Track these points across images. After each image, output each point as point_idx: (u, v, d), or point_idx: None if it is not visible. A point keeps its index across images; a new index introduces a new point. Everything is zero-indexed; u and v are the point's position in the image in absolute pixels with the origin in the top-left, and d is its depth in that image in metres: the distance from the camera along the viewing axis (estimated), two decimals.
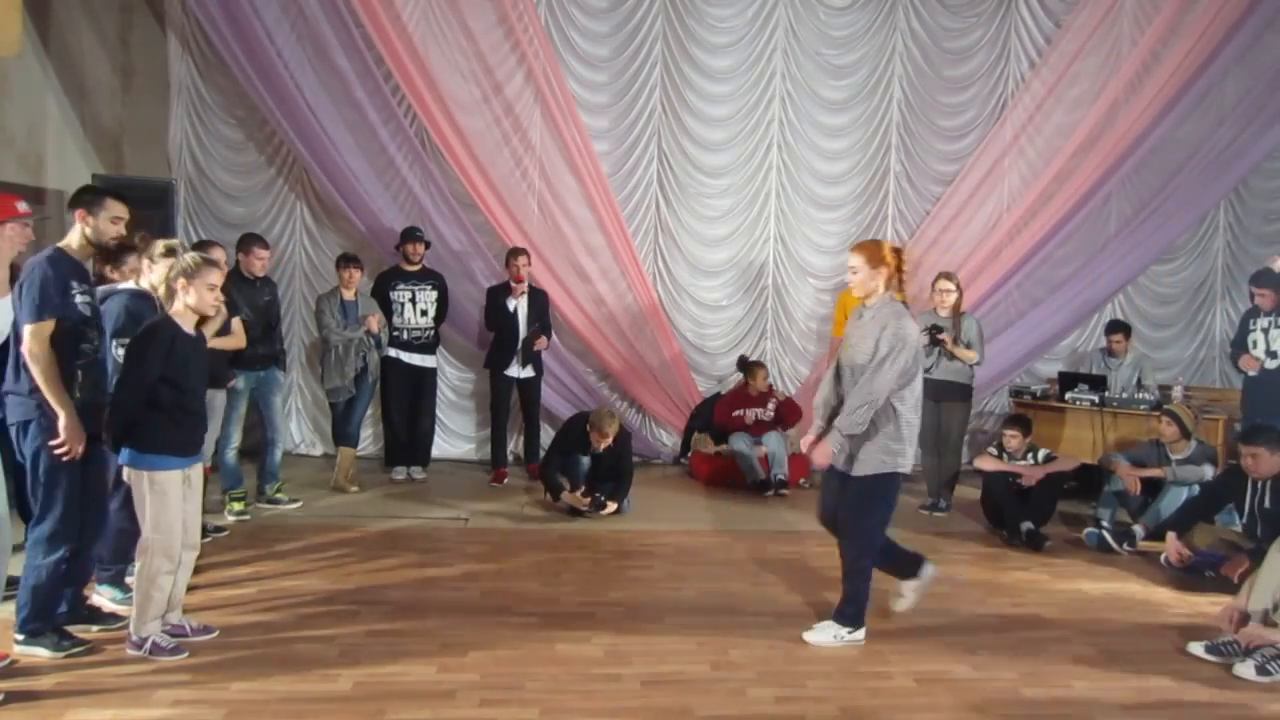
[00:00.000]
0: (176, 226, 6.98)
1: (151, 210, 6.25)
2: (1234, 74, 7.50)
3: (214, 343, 4.41)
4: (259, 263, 5.72)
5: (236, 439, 5.61)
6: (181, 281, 3.56)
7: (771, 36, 7.65)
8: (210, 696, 3.26)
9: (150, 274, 3.99)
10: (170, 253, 3.86)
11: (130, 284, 4.07)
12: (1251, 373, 5.96)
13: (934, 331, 6.12)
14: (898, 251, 3.84)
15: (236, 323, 5.15)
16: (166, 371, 3.51)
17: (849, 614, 3.93)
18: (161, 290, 3.69)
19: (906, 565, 4.12)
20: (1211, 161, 7.52)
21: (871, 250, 3.83)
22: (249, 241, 5.76)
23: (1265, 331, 5.68)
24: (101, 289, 4.02)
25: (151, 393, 3.50)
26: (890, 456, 3.76)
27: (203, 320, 3.72)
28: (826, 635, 3.91)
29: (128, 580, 4.11)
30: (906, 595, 4.13)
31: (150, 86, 7.20)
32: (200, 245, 5.29)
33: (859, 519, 3.85)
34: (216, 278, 3.64)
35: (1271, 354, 5.66)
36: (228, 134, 7.27)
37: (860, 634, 3.93)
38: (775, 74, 7.69)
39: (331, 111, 6.95)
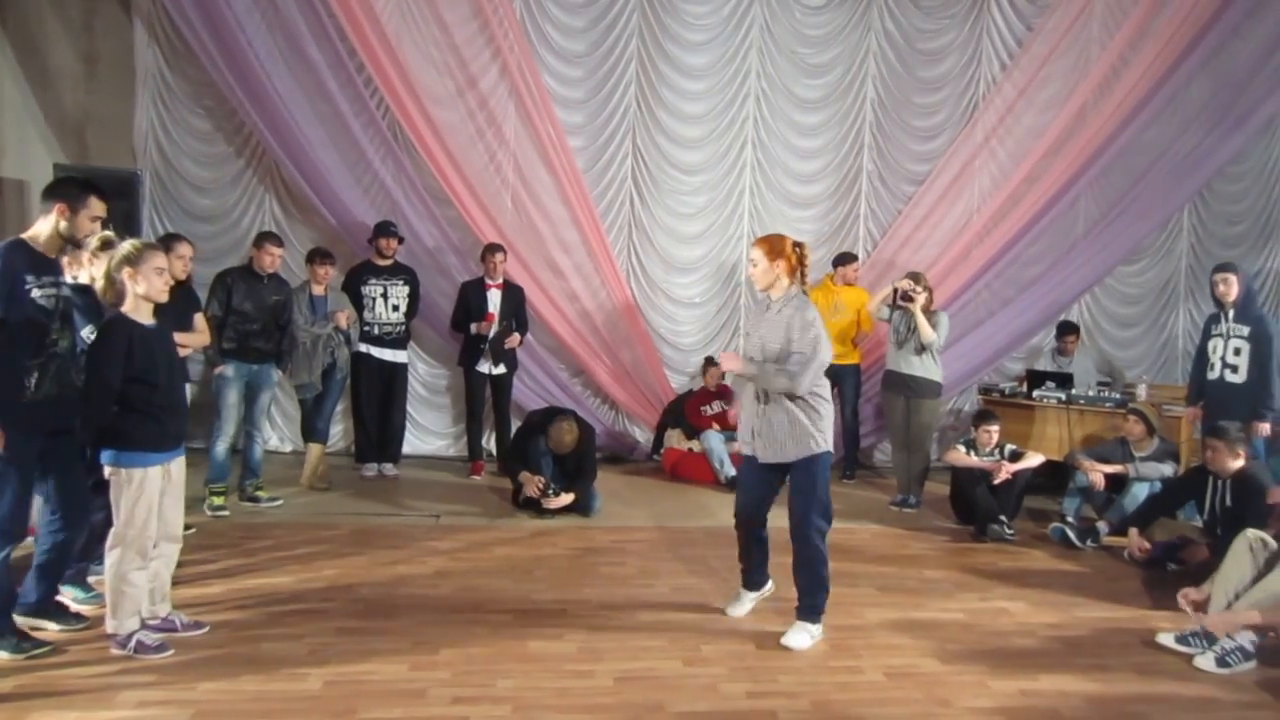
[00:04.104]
0: (142, 218, 6.88)
1: (116, 201, 6.10)
2: (1199, 80, 7.63)
3: (179, 339, 4.32)
4: (269, 259, 5.70)
5: (228, 432, 5.56)
6: (127, 270, 3.46)
7: (747, 35, 7.67)
8: (177, 697, 3.21)
9: (90, 267, 3.90)
10: (106, 245, 3.73)
11: (69, 277, 3.97)
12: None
13: (901, 294, 6.17)
14: (799, 246, 3.93)
15: (199, 318, 5.07)
16: (132, 371, 3.44)
17: (818, 607, 3.93)
18: (102, 285, 3.54)
19: (760, 575, 4.23)
20: (1177, 165, 7.64)
21: (772, 243, 3.92)
22: (262, 239, 5.80)
23: (1225, 339, 5.71)
24: None
25: (123, 394, 3.44)
26: (820, 435, 3.85)
27: (159, 312, 3.62)
28: (804, 638, 3.89)
29: (90, 580, 4.05)
30: (745, 604, 4.22)
31: (115, 74, 7.05)
32: (166, 239, 5.21)
33: (803, 503, 3.86)
34: (162, 260, 3.55)
35: (1229, 366, 5.69)
36: (195, 124, 7.15)
37: (819, 625, 3.95)
38: (750, 72, 7.71)
39: (303, 103, 6.86)
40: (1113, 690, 3.59)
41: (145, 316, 3.55)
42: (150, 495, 3.51)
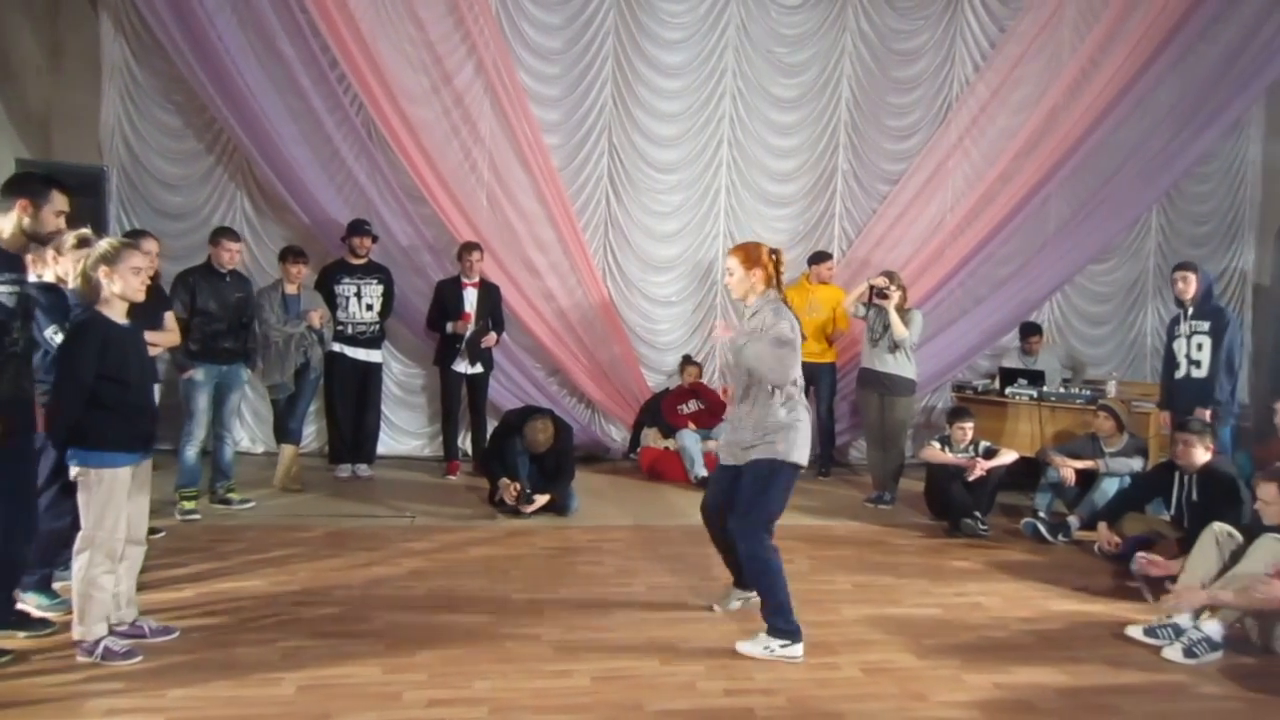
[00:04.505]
0: (109, 215, 6.76)
1: (82, 198, 5.98)
2: (1167, 82, 7.73)
3: (148, 338, 4.25)
4: (227, 254, 5.62)
5: (198, 435, 5.48)
6: (104, 269, 3.42)
7: (723, 33, 7.67)
8: (146, 704, 3.16)
9: (56, 266, 3.84)
10: (83, 243, 3.69)
11: (33, 276, 3.90)
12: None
13: (876, 291, 6.20)
14: (775, 253, 3.86)
15: (170, 317, 5.00)
16: (104, 369, 3.39)
17: (778, 626, 3.73)
18: (75, 284, 3.50)
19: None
20: (1145, 166, 7.74)
21: (748, 251, 3.85)
22: (219, 234, 5.71)
23: (1188, 337, 5.81)
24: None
25: (93, 392, 3.38)
26: (787, 444, 3.72)
27: (132, 311, 3.58)
28: (753, 647, 3.73)
29: (55, 586, 3.97)
30: (734, 601, 4.19)
31: (81, 67, 6.92)
32: (131, 235, 5.13)
33: (746, 502, 3.76)
34: (139, 260, 3.50)
35: (1194, 362, 5.78)
36: (164, 119, 7.05)
37: (798, 649, 3.70)
38: (726, 71, 7.72)
39: (275, 99, 6.78)
40: (1084, 682, 3.63)
41: (119, 315, 3.51)
42: (120, 497, 3.46)
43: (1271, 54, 7.26)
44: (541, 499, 5.75)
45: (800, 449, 3.77)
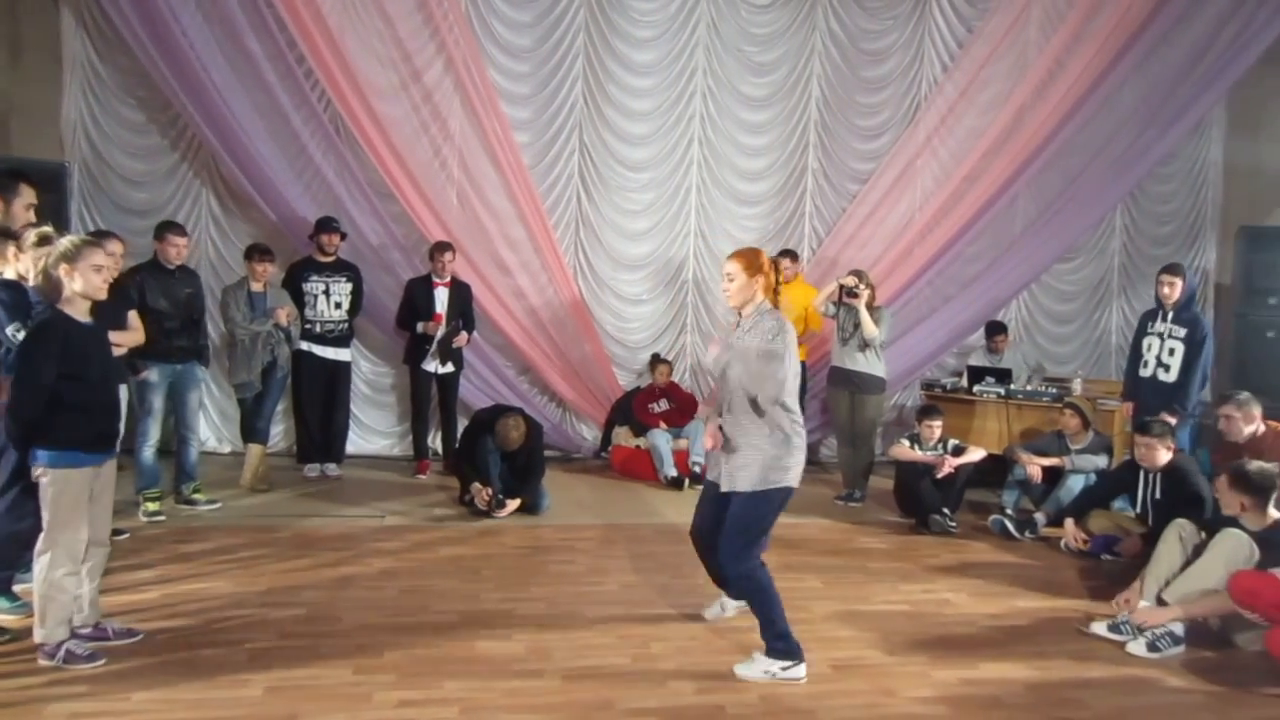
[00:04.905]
0: (70, 212, 6.62)
1: (43, 194, 5.87)
2: (1131, 83, 7.84)
3: (112, 337, 4.19)
4: (174, 250, 5.50)
5: (154, 436, 5.38)
6: (64, 267, 3.36)
7: (694, 32, 7.68)
8: (110, 708, 3.11)
9: (16, 263, 3.77)
10: (44, 240, 3.61)
11: None
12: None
13: (846, 290, 6.24)
14: (775, 262, 3.73)
15: (133, 315, 4.92)
16: (65, 368, 3.34)
17: (778, 647, 3.56)
18: (36, 281, 3.45)
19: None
20: (1110, 165, 7.85)
21: (749, 258, 3.63)
22: (163, 229, 5.56)
23: (1161, 338, 5.88)
24: None
25: (55, 392, 3.32)
26: (784, 469, 3.54)
27: (96, 310, 3.53)
28: (756, 670, 3.55)
29: (16, 589, 3.90)
30: (728, 609, 4.09)
31: (41, 61, 6.78)
32: (97, 235, 5.03)
33: (734, 530, 3.58)
34: (101, 258, 3.45)
35: (1163, 365, 5.86)
36: (127, 115, 6.93)
37: (800, 670, 3.53)
38: (697, 69, 7.73)
39: (241, 95, 6.69)
40: (1050, 677, 3.68)
41: (81, 314, 3.45)
42: (83, 498, 3.41)
43: (1233, 56, 7.38)
44: (513, 504, 5.73)
45: (794, 471, 3.57)
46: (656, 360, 7.45)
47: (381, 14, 6.94)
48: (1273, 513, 4.16)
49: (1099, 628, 4.14)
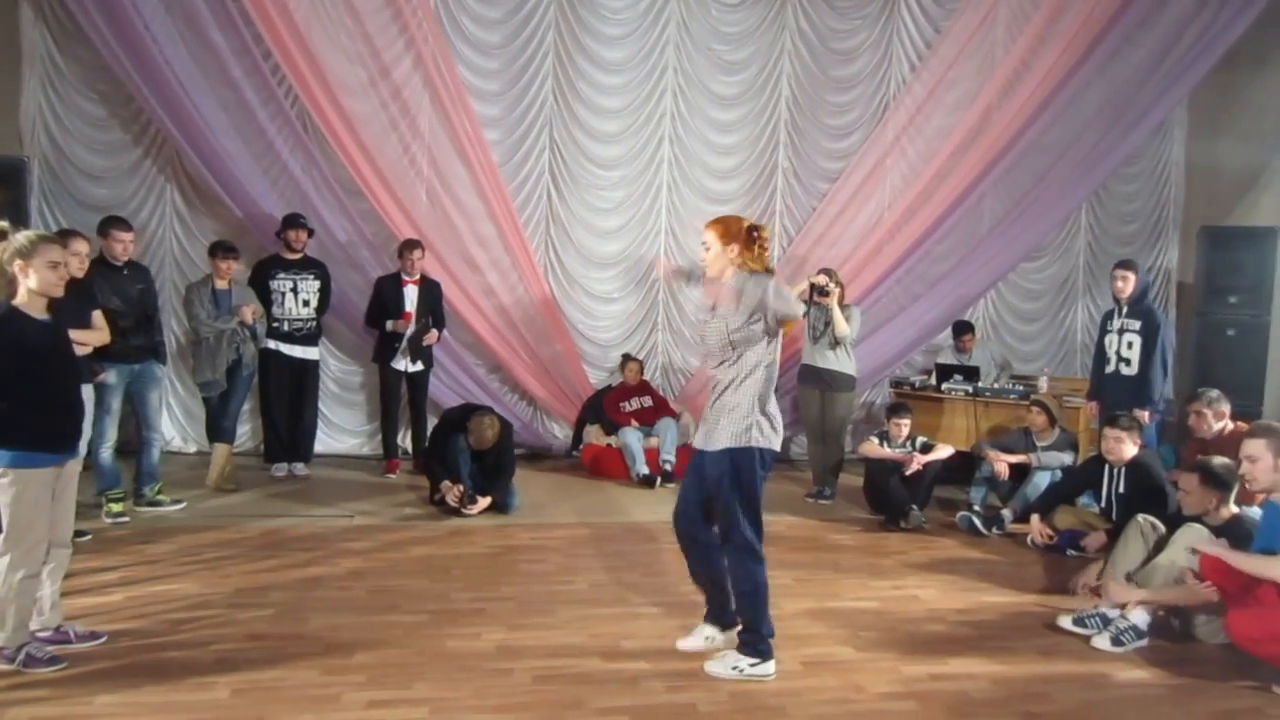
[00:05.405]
0: (30, 208, 6.50)
1: (2, 190, 5.81)
2: (1095, 83, 7.94)
3: (76, 336, 4.12)
4: (119, 246, 5.36)
5: (112, 437, 5.29)
6: (19, 264, 3.30)
7: (664, 30, 7.68)
8: (72, 712, 3.06)
9: None
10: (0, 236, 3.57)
11: None
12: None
13: (817, 289, 6.27)
14: (757, 229, 3.50)
15: (98, 315, 4.83)
16: (22, 365, 3.27)
17: (754, 645, 3.53)
18: None
19: (721, 604, 3.71)
20: (1075, 165, 7.95)
21: (726, 225, 3.50)
22: (107, 224, 5.41)
23: (1119, 334, 5.99)
24: None
25: (14, 390, 3.26)
26: (756, 431, 3.44)
27: (56, 307, 3.46)
28: (725, 666, 3.52)
29: None
30: (700, 639, 3.73)
31: None
32: (61, 235, 4.94)
33: (728, 501, 3.46)
34: (58, 254, 3.38)
35: (1124, 359, 5.97)
36: (88, 109, 6.81)
37: (769, 667, 3.51)
38: (667, 68, 7.73)
39: (205, 90, 6.60)
40: (1017, 671, 3.72)
41: (38, 311, 3.38)
42: (44, 498, 3.34)
43: (1194, 57, 7.50)
44: (485, 501, 5.70)
45: (775, 439, 3.48)
46: (627, 359, 7.45)
47: (349, 9, 6.87)
48: (1232, 508, 4.24)
49: (1065, 621, 4.19)
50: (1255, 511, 4.23)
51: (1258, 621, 3.53)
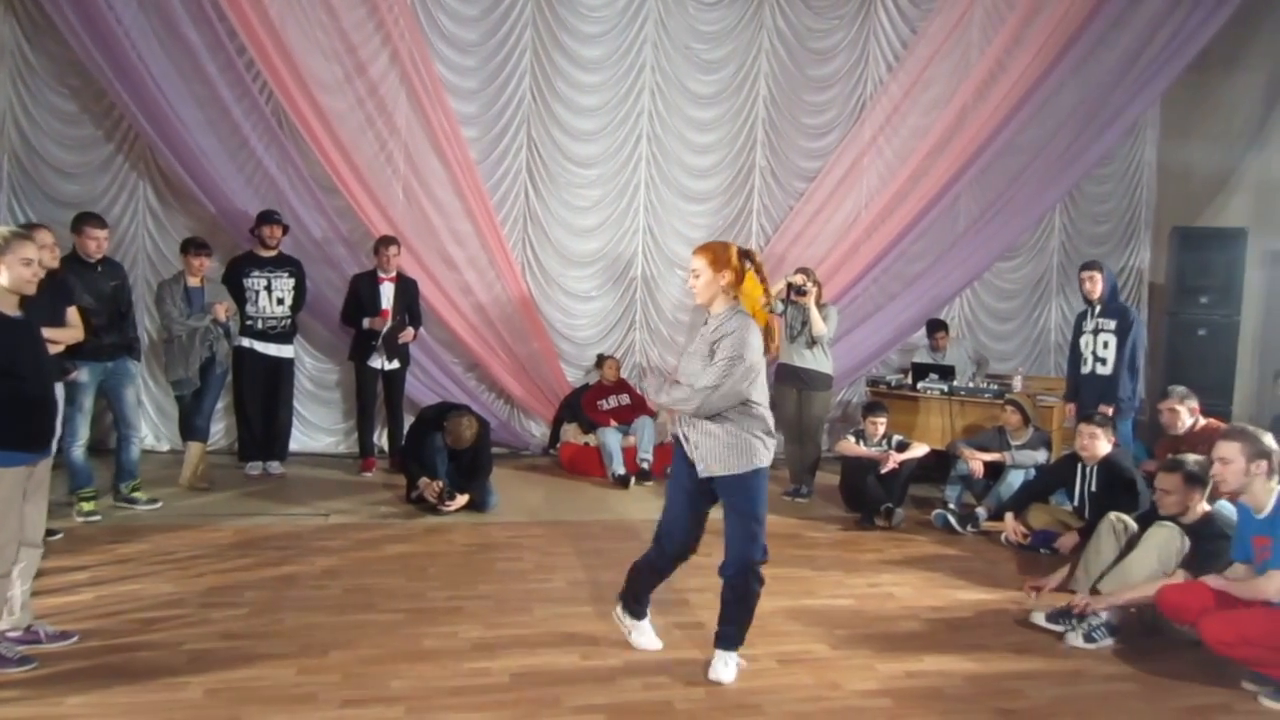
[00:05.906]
0: (0, 204, 6.42)
1: None
2: (1069, 85, 8.03)
3: (49, 334, 4.07)
4: (93, 243, 5.29)
5: (83, 435, 5.22)
6: None
7: (642, 28, 7.68)
8: (42, 713, 3.02)
9: None
10: None
11: None
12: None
13: (794, 289, 6.30)
14: (748, 254, 3.45)
15: (73, 312, 4.77)
16: None
17: (738, 640, 3.56)
18: None
19: (646, 600, 3.80)
20: (1049, 165, 8.04)
21: (715, 252, 3.40)
22: (80, 221, 5.33)
23: (1094, 334, 6.06)
24: None
25: None
26: (760, 448, 3.46)
27: (29, 304, 3.43)
28: (731, 669, 3.52)
29: None
30: (651, 632, 3.81)
31: None
32: (25, 228, 4.86)
33: (743, 532, 3.47)
34: (31, 251, 3.35)
35: (1099, 359, 6.04)
36: (60, 105, 6.72)
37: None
38: (645, 66, 7.73)
39: (179, 86, 6.52)
40: (991, 668, 3.76)
41: (10, 308, 3.34)
42: (14, 497, 3.29)
43: (1166, 60, 7.60)
44: (463, 498, 5.68)
45: (769, 448, 3.50)
46: (603, 359, 7.45)
47: (324, 5, 6.82)
48: (1204, 505, 4.30)
49: (1038, 618, 4.24)
50: (1225, 505, 4.29)
51: (1230, 625, 3.57)
